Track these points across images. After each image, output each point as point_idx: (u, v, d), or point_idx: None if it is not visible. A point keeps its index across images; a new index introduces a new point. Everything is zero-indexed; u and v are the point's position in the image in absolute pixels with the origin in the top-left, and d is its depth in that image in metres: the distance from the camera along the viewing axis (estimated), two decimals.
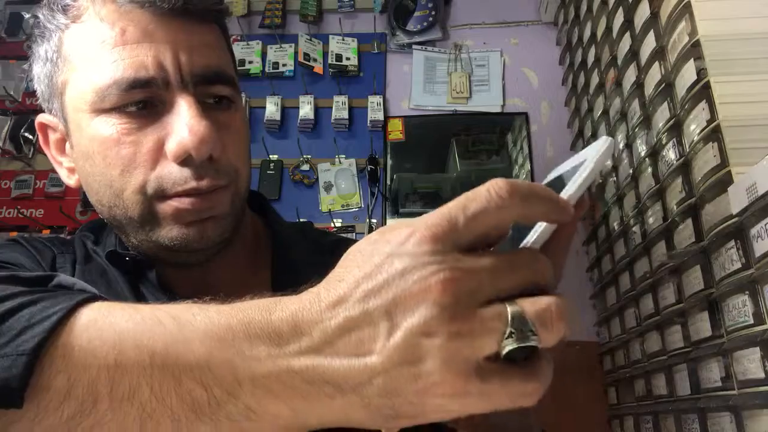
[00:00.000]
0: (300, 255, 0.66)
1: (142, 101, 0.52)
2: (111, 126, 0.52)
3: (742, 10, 0.81)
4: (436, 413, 0.28)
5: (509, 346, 0.27)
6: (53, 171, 1.77)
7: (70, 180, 0.60)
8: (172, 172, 0.52)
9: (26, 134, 1.83)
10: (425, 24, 1.86)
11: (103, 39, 0.52)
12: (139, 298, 0.57)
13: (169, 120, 0.52)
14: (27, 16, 2.00)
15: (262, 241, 0.67)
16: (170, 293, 0.57)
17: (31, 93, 1.88)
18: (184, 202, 0.52)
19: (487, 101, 1.80)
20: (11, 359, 0.30)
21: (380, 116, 1.77)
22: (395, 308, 0.28)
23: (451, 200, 0.30)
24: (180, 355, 0.31)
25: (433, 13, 1.87)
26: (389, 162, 1.77)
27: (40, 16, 0.56)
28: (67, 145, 0.59)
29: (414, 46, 1.87)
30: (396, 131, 1.79)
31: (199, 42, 0.54)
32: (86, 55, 0.52)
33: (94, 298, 0.35)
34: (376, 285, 0.29)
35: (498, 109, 1.80)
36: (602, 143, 0.35)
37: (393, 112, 1.82)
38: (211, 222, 0.54)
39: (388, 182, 1.75)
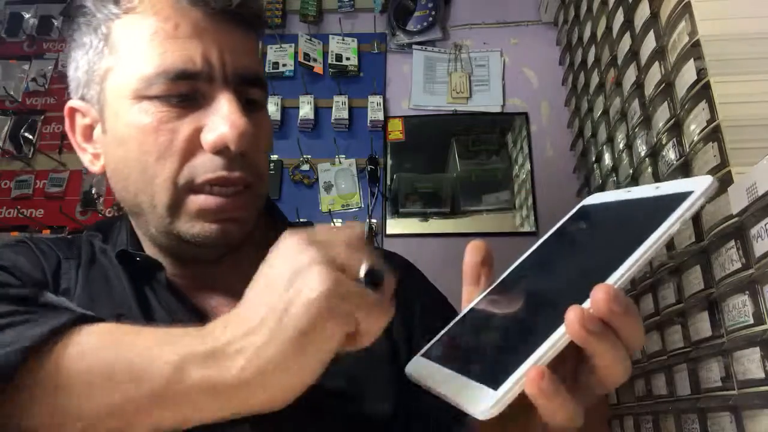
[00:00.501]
0: None
1: (185, 93, 0.54)
2: (151, 113, 0.54)
3: (742, 10, 0.81)
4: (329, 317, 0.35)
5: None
6: (53, 171, 1.79)
7: (93, 166, 0.61)
8: (204, 162, 0.54)
9: (26, 134, 1.83)
10: (425, 24, 1.86)
11: (156, 31, 0.54)
12: (142, 301, 0.57)
13: (207, 113, 0.54)
14: (27, 16, 2.00)
15: (268, 239, 0.67)
16: (177, 293, 0.59)
17: (31, 93, 1.89)
18: (209, 201, 0.54)
19: (487, 101, 1.80)
20: (12, 349, 0.37)
21: (380, 116, 1.77)
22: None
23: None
24: (134, 340, 0.39)
25: (433, 13, 1.87)
26: (389, 162, 1.77)
27: (89, 4, 0.57)
28: (96, 131, 0.60)
29: (414, 46, 1.87)
30: (396, 131, 1.79)
31: (242, 45, 0.58)
32: (136, 44, 0.55)
33: (79, 320, 0.41)
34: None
35: (498, 109, 1.80)
36: (702, 183, 0.33)
37: (393, 112, 1.82)
38: (233, 223, 0.56)
39: (388, 182, 1.75)
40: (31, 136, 1.83)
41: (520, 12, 1.89)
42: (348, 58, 1.84)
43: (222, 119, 0.53)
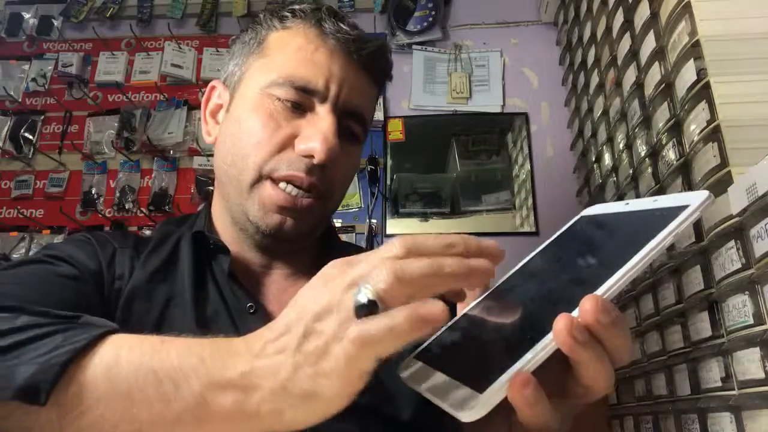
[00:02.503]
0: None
1: (299, 102, 0.65)
2: (267, 107, 0.65)
3: (742, 10, 0.81)
4: (346, 356, 0.34)
5: (356, 300, 0.34)
6: (53, 171, 1.80)
7: (208, 137, 0.73)
8: (290, 158, 0.64)
9: (26, 134, 1.83)
10: (425, 24, 1.86)
11: (299, 48, 0.66)
12: (199, 287, 0.64)
13: (309, 124, 0.65)
14: (27, 16, 2.00)
15: (322, 249, 0.76)
16: (236, 281, 0.66)
17: (31, 93, 1.89)
18: (279, 195, 0.64)
19: (487, 101, 1.80)
20: (47, 365, 0.38)
21: (380, 116, 1.77)
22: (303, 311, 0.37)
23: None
24: (160, 360, 0.39)
25: (433, 13, 1.87)
26: (389, 162, 1.77)
27: (261, 16, 0.71)
28: (221, 112, 0.72)
29: (414, 46, 1.87)
30: (396, 131, 1.79)
31: (360, 87, 0.69)
32: (281, 53, 0.67)
33: (112, 332, 0.43)
34: (290, 307, 0.39)
35: (498, 109, 1.79)
36: (698, 197, 0.34)
37: (393, 112, 1.82)
38: (292, 220, 0.65)
39: (388, 182, 1.75)
40: (31, 136, 1.83)
41: (520, 12, 1.89)
42: None
43: (317, 132, 0.63)
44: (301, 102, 0.65)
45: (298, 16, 0.69)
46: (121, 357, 0.40)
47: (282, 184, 0.64)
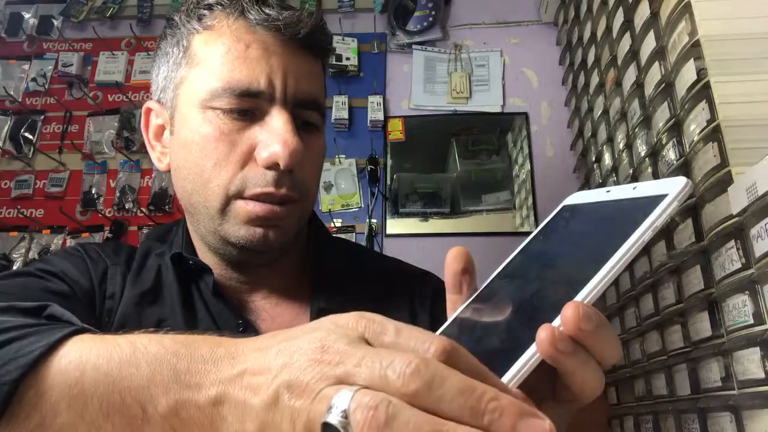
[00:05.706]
0: (338, 265, 0.72)
1: (246, 109, 0.59)
2: (214, 123, 0.59)
3: (742, 10, 0.80)
4: None
5: (323, 419, 0.28)
6: (53, 171, 1.80)
7: (160, 164, 0.67)
8: (256, 175, 0.59)
9: (26, 134, 1.83)
10: (425, 24, 1.86)
11: (229, 49, 0.59)
12: (188, 304, 0.63)
13: (264, 130, 0.59)
14: (27, 15, 2.00)
15: (309, 250, 0.73)
16: (223, 297, 0.64)
17: (31, 93, 1.88)
18: (257, 207, 0.59)
19: (487, 101, 1.80)
20: None
21: (380, 116, 1.77)
22: (285, 365, 0.31)
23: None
24: (128, 376, 0.35)
25: (433, 13, 1.87)
26: (389, 162, 1.77)
27: (176, 18, 0.64)
28: (165, 133, 0.66)
29: (414, 46, 1.87)
30: (396, 131, 1.79)
31: (305, 71, 0.63)
32: (210, 59, 0.60)
33: (76, 332, 0.39)
34: (286, 343, 0.32)
35: (498, 109, 1.80)
36: (676, 185, 0.33)
37: (393, 112, 1.82)
38: (276, 230, 0.61)
39: (388, 182, 1.75)
40: (31, 136, 1.83)
41: (520, 12, 1.89)
42: (348, 58, 1.84)
43: (275, 137, 0.58)
44: (248, 108, 0.59)
45: (217, 10, 0.61)
46: (86, 372, 0.35)
47: (252, 203, 0.59)
